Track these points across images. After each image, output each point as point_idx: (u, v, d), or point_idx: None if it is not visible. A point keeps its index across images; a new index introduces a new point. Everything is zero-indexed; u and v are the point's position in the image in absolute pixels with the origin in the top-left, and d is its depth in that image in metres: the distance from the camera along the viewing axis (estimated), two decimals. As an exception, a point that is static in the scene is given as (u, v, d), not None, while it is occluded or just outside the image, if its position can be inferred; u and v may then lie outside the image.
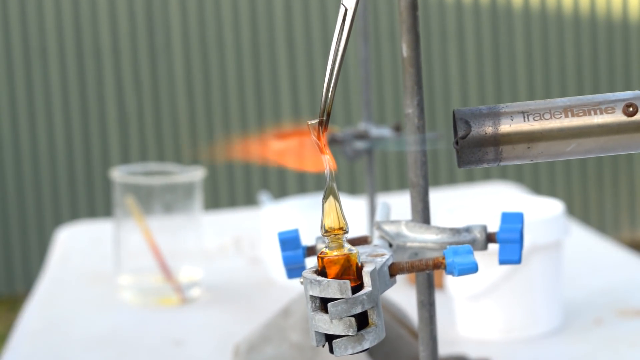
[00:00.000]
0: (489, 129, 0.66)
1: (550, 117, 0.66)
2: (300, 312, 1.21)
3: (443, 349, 1.30)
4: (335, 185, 0.65)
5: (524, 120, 0.67)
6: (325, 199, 0.64)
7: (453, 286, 1.40)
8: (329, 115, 0.65)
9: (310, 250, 0.78)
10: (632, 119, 0.66)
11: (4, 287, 4.14)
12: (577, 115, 0.66)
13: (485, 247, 0.77)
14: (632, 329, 1.40)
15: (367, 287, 0.63)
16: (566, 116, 0.66)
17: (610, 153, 0.67)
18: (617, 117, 0.66)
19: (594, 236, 1.84)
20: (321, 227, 0.64)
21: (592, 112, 0.66)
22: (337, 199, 0.64)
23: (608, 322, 1.42)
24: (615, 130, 0.66)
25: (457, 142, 0.67)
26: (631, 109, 0.66)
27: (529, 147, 0.67)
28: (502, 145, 0.67)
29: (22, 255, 4.13)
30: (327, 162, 0.65)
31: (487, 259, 0.99)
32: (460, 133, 0.66)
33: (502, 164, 0.67)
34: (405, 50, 0.76)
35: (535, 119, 0.66)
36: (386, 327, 1.17)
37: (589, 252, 1.76)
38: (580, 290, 1.54)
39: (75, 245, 1.96)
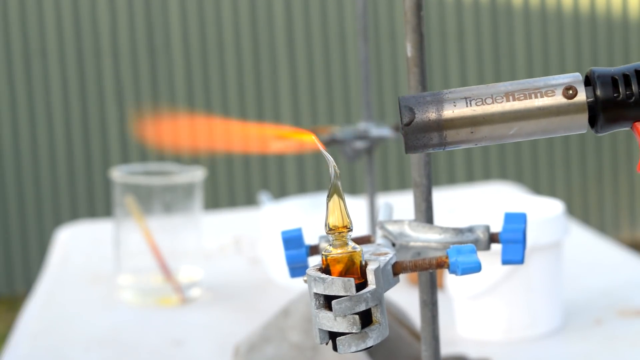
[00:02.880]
0: (432, 115, 0.68)
1: (492, 102, 0.68)
2: (300, 312, 1.21)
3: (443, 349, 1.30)
4: (339, 184, 0.65)
5: (467, 106, 0.68)
6: (329, 197, 0.64)
7: (453, 286, 1.40)
8: None
9: (313, 250, 0.78)
10: (572, 101, 0.68)
11: (4, 287, 4.14)
12: (518, 99, 0.68)
13: (488, 247, 0.77)
14: (632, 329, 1.40)
15: (371, 285, 0.63)
16: (507, 100, 0.68)
17: (552, 135, 0.69)
18: (557, 99, 0.68)
19: (594, 236, 1.84)
20: (325, 225, 0.64)
21: (533, 96, 0.68)
22: (341, 197, 0.65)
23: (608, 322, 1.42)
24: (555, 112, 0.68)
25: (402, 129, 0.68)
26: (571, 91, 0.68)
27: (472, 132, 0.68)
28: (446, 130, 0.68)
29: (22, 255, 4.13)
30: (331, 161, 0.65)
31: (487, 258, 0.99)
32: (405, 120, 0.68)
33: (447, 148, 0.69)
34: (409, 50, 0.76)
35: (478, 104, 0.68)
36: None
37: (589, 252, 1.76)
38: (580, 290, 1.54)
39: (75, 245, 1.96)
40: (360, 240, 0.78)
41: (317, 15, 4.16)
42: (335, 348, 0.63)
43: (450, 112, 0.68)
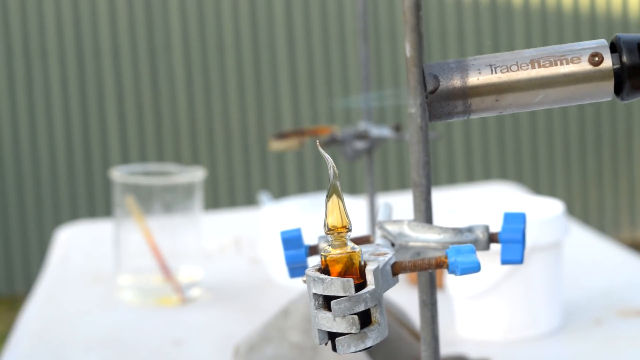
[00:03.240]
0: (457, 82, 0.67)
1: (518, 69, 0.68)
2: (300, 313, 1.21)
3: (443, 349, 1.30)
4: (338, 184, 0.65)
5: (492, 73, 0.68)
6: (328, 197, 0.64)
7: (453, 286, 1.40)
8: None
9: (313, 250, 0.78)
10: (597, 68, 0.67)
11: (4, 287, 4.14)
12: (544, 66, 0.68)
13: (487, 247, 0.77)
14: (632, 329, 1.40)
15: (370, 285, 0.63)
16: (533, 67, 0.68)
17: (577, 102, 0.68)
18: (583, 66, 0.67)
19: (594, 236, 1.84)
20: (324, 226, 0.64)
21: (559, 63, 0.67)
22: (340, 197, 0.64)
23: (608, 322, 1.42)
24: (581, 79, 0.67)
25: (427, 97, 0.67)
26: (597, 58, 0.67)
27: (497, 99, 0.68)
28: (471, 97, 0.68)
29: (22, 255, 4.13)
30: (330, 162, 0.65)
31: (487, 258, 0.99)
32: (429, 87, 0.68)
33: (471, 116, 0.68)
34: (408, 50, 0.76)
35: (503, 71, 0.67)
36: (387, 327, 1.17)
37: (589, 252, 1.76)
38: (580, 290, 1.54)
39: (75, 245, 1.96)
40: (360, 241, 0.78)
41: (317, 15, 4.16)
42: (334, 348, 0.63)
43: (475, 79, 0.67)
